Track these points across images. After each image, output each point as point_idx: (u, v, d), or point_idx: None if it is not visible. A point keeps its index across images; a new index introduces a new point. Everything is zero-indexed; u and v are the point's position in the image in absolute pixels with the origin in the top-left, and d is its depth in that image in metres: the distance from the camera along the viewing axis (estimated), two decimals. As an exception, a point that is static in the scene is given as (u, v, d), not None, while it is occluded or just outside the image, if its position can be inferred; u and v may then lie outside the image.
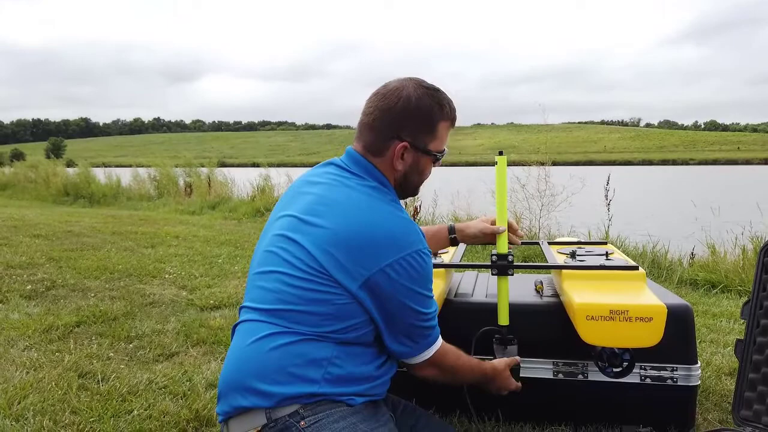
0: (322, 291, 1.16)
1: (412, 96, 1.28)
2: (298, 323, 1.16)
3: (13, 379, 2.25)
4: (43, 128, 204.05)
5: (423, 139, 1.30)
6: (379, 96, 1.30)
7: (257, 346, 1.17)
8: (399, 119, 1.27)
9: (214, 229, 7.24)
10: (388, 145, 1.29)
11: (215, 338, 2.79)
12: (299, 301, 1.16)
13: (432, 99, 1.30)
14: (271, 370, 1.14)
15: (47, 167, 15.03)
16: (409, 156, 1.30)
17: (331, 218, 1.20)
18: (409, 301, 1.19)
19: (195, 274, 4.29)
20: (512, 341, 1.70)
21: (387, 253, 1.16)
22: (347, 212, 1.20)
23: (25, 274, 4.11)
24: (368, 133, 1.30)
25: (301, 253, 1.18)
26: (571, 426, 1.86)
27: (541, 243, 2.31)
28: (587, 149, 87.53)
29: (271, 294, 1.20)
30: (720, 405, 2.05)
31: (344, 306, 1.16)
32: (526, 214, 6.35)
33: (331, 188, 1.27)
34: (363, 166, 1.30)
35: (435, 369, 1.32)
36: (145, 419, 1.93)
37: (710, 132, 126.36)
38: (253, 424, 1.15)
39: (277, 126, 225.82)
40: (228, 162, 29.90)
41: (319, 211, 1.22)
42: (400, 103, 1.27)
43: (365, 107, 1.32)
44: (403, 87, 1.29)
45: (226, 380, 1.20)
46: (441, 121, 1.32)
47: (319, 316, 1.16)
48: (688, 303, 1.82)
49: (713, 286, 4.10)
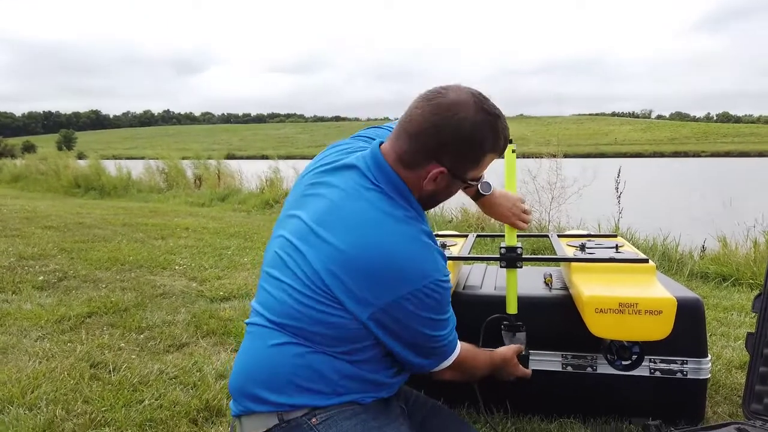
0: (329, 313, 1.09)
1: (469, 120, 1.12)
2: (306, 339, 1.12)
3: (26, 368, 2.28)
4: (54, 120, 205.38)
5: (464, 167, 1.18)
6: (433, 106, 1.13)
7: (268, 353, 1.14)
8: (446, 142, 1.13)
9: (223, 221, 7.27)
10: (424, 164, 1.15)
11: (225, 329, 2.81)
12: (306, 320, 1.11)
13: (490, 129, 1.15)
14: (281, 381, 1.13)
15: (58, 159, 15.14)
16: (443, 181, 1.17)
17: (342, 236, 1.10)
18: (427, 329, 1.15)
19: (205, 266, 4.32)
20: (521, 328, 1.70)
21: (402, 286, 1.08)
22: (361, 232, 1.10)
23: (37, 265, 4.15)
24: (407, 141, 1.15)
25: (306, 267, 1.11)
26: (579, 418, 1.85)
27: (550, 235, 2.30)
28: (598, 141, 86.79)
29: (278, 304, 1.15)
30: (730, 398, 2.04)
31: (353, 330, 1.11)
32: (536, 207, 6.32)
33: (348, 198, 1.15)
34: (388, 177, 1.16)
35: (453, 372, 1.31)
36: (156, 409, 1.95)
37: (722, 124, 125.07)
38: (265, 425, 1.15)
39: (286, 118, 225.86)
40: (237, 154, 29.99)
41: (330, 222, 1.13)
42: (453, 124, 1.12)
43: (412, 110, 1.16)
44: (462, 105, 1.13)
45: (237, 386, 1.18)
46: (488, 153, 1.19)
47: (328, 338, 1.11)
48: (699, 296, 1.81)
49: (724, 279, 4.07)
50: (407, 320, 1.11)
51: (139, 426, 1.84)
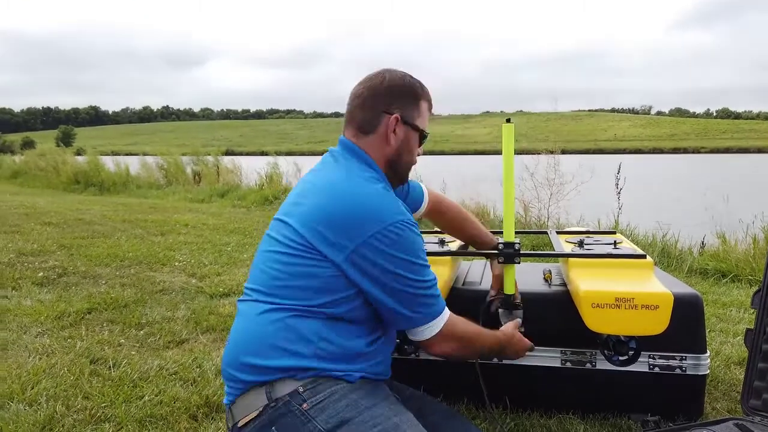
0: (309, 265, 1.21)
1: (397, 74, 1.39)
2: (288, 298, 1.21)
3: (26, 364, 2.28)
4: (53, 116, 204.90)
5: (411, 113, 1.38)
6: (365, 80, 1.40)
7: (252, 323, 1.24)
8: (387, 94, 1.36)
9: (223, 217, 7.27)
10: (380, 120, 1.35)
11: (224, 325, 2.81)
12: (288, 277, 1.22)
13: (415, 80, 1.41)
14: (265, 345, 1.20)
15: (57, 155, 15.14)
16: (400, 131, 1.36)
17: (317, 197, 1.27)
18: (401, 270, 1.22)
19: (204, 262, 4.32)
20: (518, 305, 1.70)
21: (370, 225, 1.20)
22: (330, 190, 1.27)
23: (36, 262, 4.15)
24: (359, 112, 1.37)
25: (290, 232, 1.25)
26: (579, 414, 1.86)
27: (549, 232, 2.30)
28: (597, 137, 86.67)
29: (264, 273, 1.27)
30: (729, 394, 2.04)
31: (331, 279, 1.21)
32: (535, 203, 6.32)
33: (322, 173, 1.36)
34: (351, 151, 1.36)
35: (450, 342, 1.32)
36: (156, 405, 1.96)
37: (722, 120, 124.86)
38: (255, 405, 1.18)
39: (285, 114, 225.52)
40: (236, 150, 29.93)
41: (307, 193, 1.31)
42: (386, 81, 1.37)
43: (351, 95, 1.40)
44: (386, 71, 1.41)
45: (227, 361, 1.26)
46: (422, 99, 1.41)
47: (307, 290, 1.21)
48: (698, 292, 1.82)
49: (723, 276, 4.08)
50: (380, 260, 1.20)
51: (139, 422, 1.85)
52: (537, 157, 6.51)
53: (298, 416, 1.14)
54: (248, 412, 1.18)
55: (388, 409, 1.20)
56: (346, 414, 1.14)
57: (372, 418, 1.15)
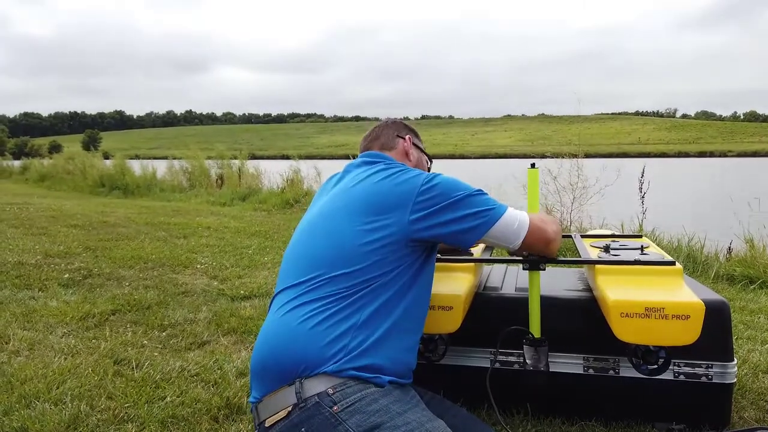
0: (375, 227, 1.31)
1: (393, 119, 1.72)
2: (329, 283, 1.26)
3: (52, 364, 2.32)
4: (80, 121, 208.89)
5: (417, 141, 1.69)
6: (373, 126, 1.70)
7: (283, 320, 1.26)
8: (395, 128, 1.67)
9: (244, 220, 7.33)
10: (397, 141, 1.64)
11: (245, 328, 2.83)
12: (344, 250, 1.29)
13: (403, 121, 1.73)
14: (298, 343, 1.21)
15: (85, 159, 15.41)
16: (414, 152, 1.64)
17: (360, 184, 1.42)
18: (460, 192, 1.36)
19: (226, 265, 4.36)
20: (543, 343, 1.69)
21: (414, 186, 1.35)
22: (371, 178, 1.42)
23: (63, 263, 4.23)
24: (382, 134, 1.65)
25: (344, 202, 1.39)
26: (601, 422, 1.83)
27: (573, 236, 2.27)
28: (621, 141, 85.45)
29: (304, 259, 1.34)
30: (757, 403, 1.99)
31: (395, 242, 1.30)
32: (558, 207, 6.26)
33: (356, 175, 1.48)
34: (379, 156, 1.56)
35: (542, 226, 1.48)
36: (178, 406, 1.97)
37: (750, 123, 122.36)
38: (284, 404, 1.17)
39: (306, 118, 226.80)
40: (258, 154, 30.18)
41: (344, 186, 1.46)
42: (390, 122, 1.69)
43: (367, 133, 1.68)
44: (387, 119, 1.71)
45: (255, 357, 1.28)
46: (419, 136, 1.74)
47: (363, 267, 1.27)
48: (725, 298, 1.77)
49: (751, 282, 3.98)
50: (439, 198, 1.34)
51: (161, 422, 1.86)
52: (560, 160, 6.44)
53: (329, 418, 1.13)
54: (276, 410, 1.18)
55: (421, 415, 1.19)
56: (377, 419, 1.14)
57: (405, 424, 1.14)
